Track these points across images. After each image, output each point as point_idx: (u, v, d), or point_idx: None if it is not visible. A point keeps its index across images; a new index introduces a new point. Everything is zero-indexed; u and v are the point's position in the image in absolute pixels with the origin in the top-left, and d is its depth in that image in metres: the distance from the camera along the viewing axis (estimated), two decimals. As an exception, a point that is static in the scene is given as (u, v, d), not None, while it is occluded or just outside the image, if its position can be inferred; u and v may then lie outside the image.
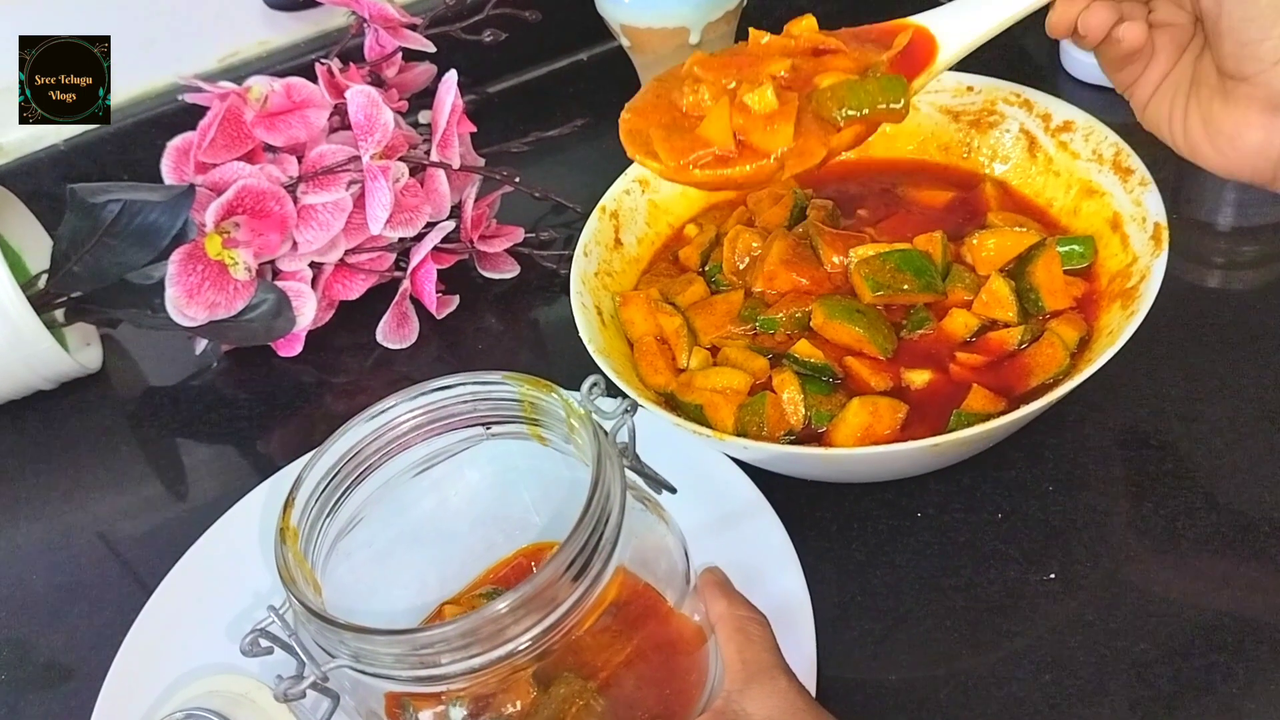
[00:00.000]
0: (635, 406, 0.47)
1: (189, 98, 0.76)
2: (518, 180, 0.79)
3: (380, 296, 0.77)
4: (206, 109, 0.75)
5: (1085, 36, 0.51)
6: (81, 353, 0.80)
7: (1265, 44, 0.46)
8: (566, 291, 0.62)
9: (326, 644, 0.41)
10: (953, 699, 0.51)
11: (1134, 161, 0.60)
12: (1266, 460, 0.57)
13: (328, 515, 0.47)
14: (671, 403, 0.58)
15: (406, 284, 0.75)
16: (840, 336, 0.59)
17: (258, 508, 0.63)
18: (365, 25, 0.81)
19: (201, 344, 0.79)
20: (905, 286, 0.59)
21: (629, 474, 0.48)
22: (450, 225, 0.76)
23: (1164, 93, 0.53)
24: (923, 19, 0.54)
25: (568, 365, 0.64)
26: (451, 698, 0.43)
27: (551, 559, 0.40)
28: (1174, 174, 0.77)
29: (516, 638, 0.40)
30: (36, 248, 0.80)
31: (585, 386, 0.47)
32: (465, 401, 0.49)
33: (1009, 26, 0.53)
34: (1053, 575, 0.54)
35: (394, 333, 0.76)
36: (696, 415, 0.56)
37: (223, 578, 0.59)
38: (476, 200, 0.78)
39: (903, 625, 0.54)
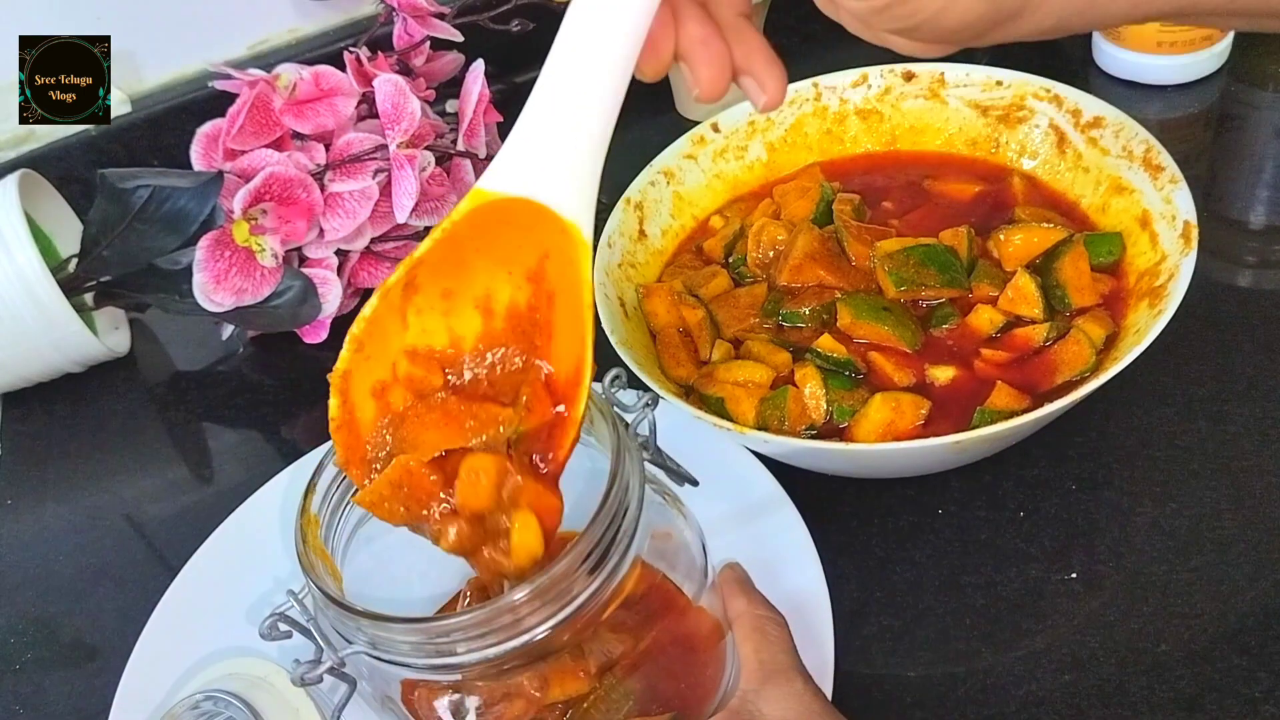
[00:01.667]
0: (656, 400, 0.47)
1: (218, 85, 0.77)
2: (543, 170, 0.79)
3: (405, 285, 0.77)
4: (236, 96, 0.75)
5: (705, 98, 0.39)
6: (110, 336, 0.80)
7: None
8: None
9: (344, 630, 0.41)
10: (971, 697, 0.51)
11: (1164, 159, 0.59)
12: (1294, 462, 0.56)
13: (349, 502, 0.48)
14: (693, 395, 0.58)
15: (431, 273, 0.75)
16: (867, 335, 0.58)
17: (280, 493, 0.64)
18: (394, 14, 0.81)
19: (228, 329, 0.79)
20: (929, 282, 0.58)
21: (649, 467, 0.48)
22: (475, 214, 0.76)
23: None
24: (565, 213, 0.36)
25: (595, 358, 0.64)
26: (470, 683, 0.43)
27: (568, 551, 0.40)
28: (1206, 171, 0.76)
29: (533, 628, 0.40)
30: (67, 232, 0.81)
31: (607, 379, 0.47)
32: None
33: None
34: (1074, 575, 0.54)
35: (418, 321, 0.76)
36: (718, 408, 0.56)
37: (244, 562, 0.60)
38: (502, 190, 0.78)
39: (922, 622, 0.54)
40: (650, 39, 0.36)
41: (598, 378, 0.47)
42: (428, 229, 0.76)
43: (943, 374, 0.56)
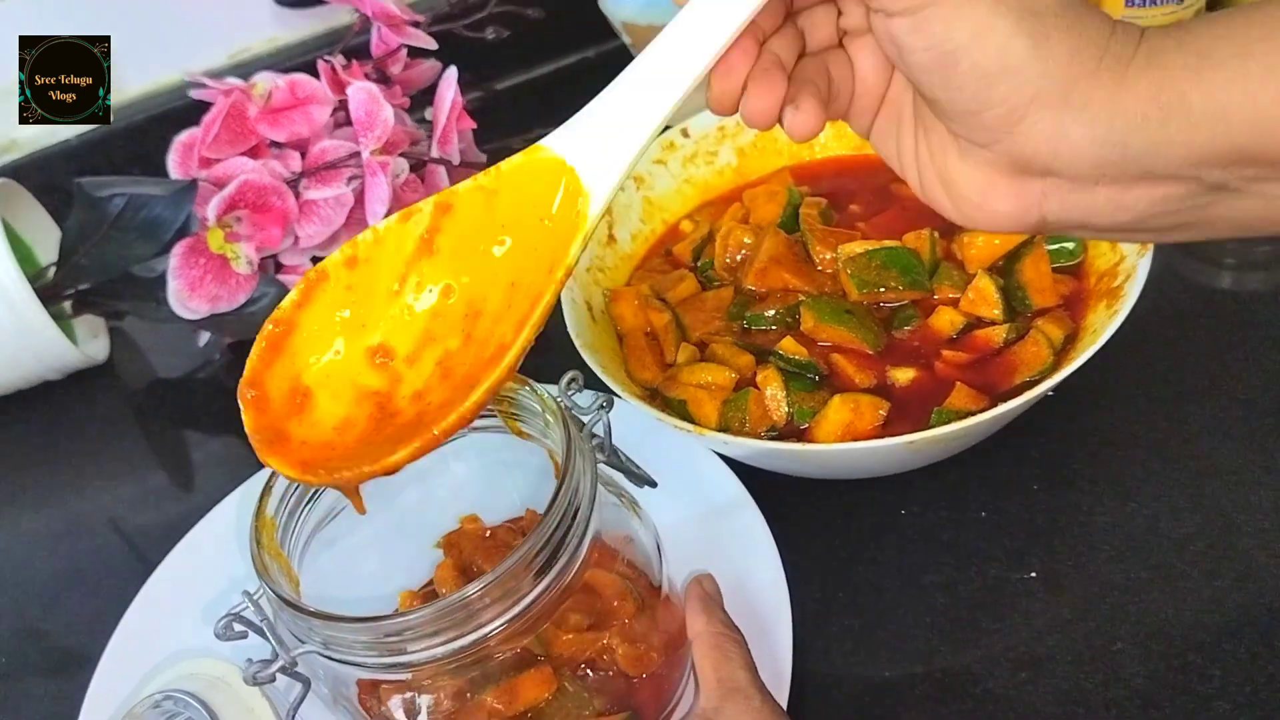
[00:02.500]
0: (611, 401, 0.47)
1: (195, 94, 0.77)
2: (518, 176, 0.80)
3: (381, 291, 0.78)
4: (213, 105, 0.76)
5: (752, 124, 0.39)
6: (88, 344, 0.81)
7: (987, 114, 0.35)
8: (559, 288, 0.62)
9: (297, 630, 0.42)
10: (929, 695, 0.51)
11: (1123, 160, 0.59)
12: (1253, 461, 0.57)
13: (307, 505, 0.48)
14: (658, 398, 0.59)
15: (406, 279, 0.76)
16: (830, 337, 0.59)
17: (250, 498, 0.64)
18: (369, 22, 0.82)
19: (204, 336, 0.80)
20: (891, 284, 0.59)
21: (606, 469, 0.48)
22: (449, 221, 0.76)
23: (885, 122, 0.41)
24: (558, 149, 0.39)
25: (561, 361, 0.64)
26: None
27: (517, 551, 0.40)
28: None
29: (483, 625, 0.41)
30: (47, 240, 0.82)
31: (563, 381, 0.48)
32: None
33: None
34: (1034, 574, 0.54)
35: (393, 327, 0.76)
36: (681, 410, 0.57)
37: (210, 566, 0.60)
38: (477, 196, 0.78)
39: (883, 622, 0.54)
40: (728, 63, 0.38)
41: (554, 380, 0.47)
42: (402, 235, 0.77)
43: (903, 375, 0.57)
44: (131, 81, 0.92)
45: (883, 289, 0.59)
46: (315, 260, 0.76)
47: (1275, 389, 0.59)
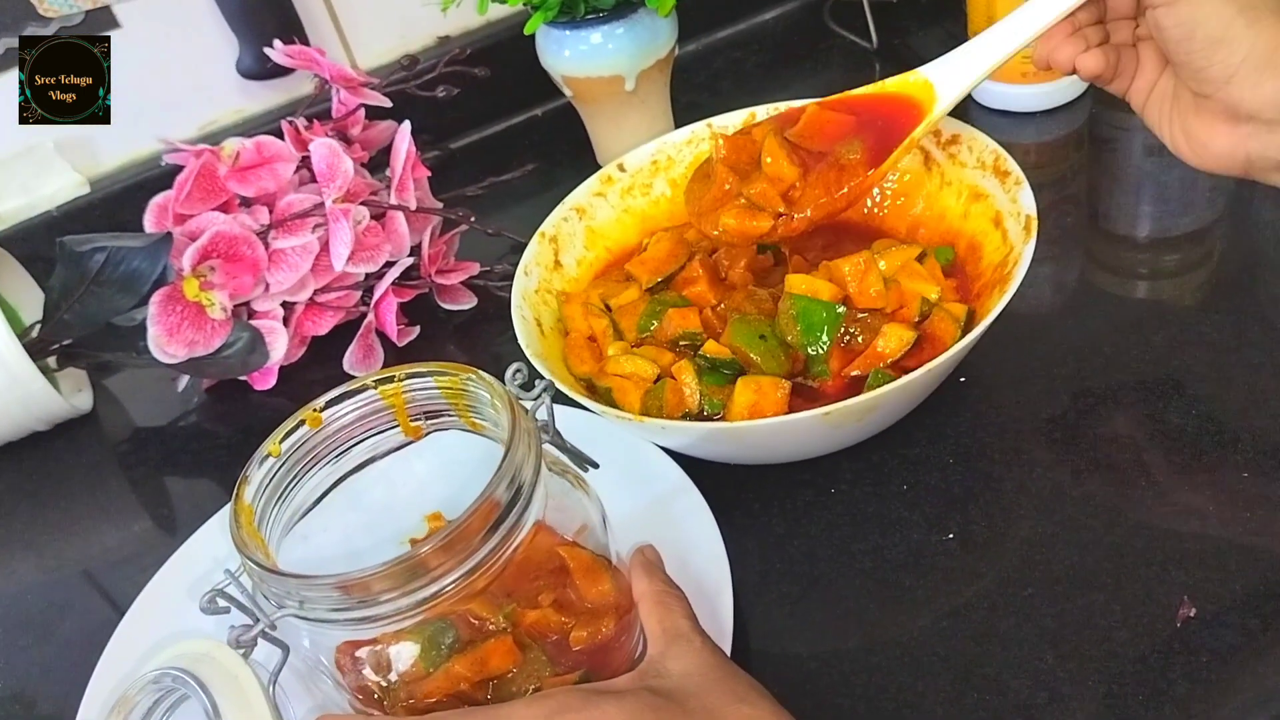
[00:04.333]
0: (552, 386, 0.53)
1: (168, 157, 0.83)
2: (473, 219, 0.86)
3: (348, 332, 0.83)
4: (185, 167, 0.82)
5: (1056, 65, 0.61)
6: (73, 397, 0.85)
7: (1211, 69, 0.55)
8: (517, 314, 0.68)
9: (274, 595, 0.46)
10: (861, 646, 0.56)
11: (1010, 164, 0.66)
12: (1144, 427, 0.62)
13: (279, 499, 0.53)
14: (590, 388, 0.64)
15: (371, 316, 0.81)
16: (741, 352, 0.64)
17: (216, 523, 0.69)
18: (326, 85, 0.88)
19: (183, 380, 0.85)
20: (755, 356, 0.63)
21: (552, 449, 0.53)
22: (410, 261, 0.82)
23: (1155, 101, 0.61)
24: (925, 71, 0.65)
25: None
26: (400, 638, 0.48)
27: (469, 510, 0.45)
28: (1085, 188, 0.83)
29: (440, 579, 0.45)
30: (31, 303, 0.87)
31: (509, 373, 0.53)
32: (403, 393, 0.55)
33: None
34: (951, 536, 0.59)
35: (360, 362, 0.81)
36: (607, 398, 0.62)
37: (190, 580, 0.64)
38: (435, 239, 0.84)
39: (816, 587, 0.59)
40: (1049, 35, 0.61)
41: (499, 375, 0.53)
42: (366, 278, 0.82)
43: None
44: (107, 155, 0.97)
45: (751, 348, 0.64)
46: (285, 305, 0.82)
47: (1163, 364, 0.65)
